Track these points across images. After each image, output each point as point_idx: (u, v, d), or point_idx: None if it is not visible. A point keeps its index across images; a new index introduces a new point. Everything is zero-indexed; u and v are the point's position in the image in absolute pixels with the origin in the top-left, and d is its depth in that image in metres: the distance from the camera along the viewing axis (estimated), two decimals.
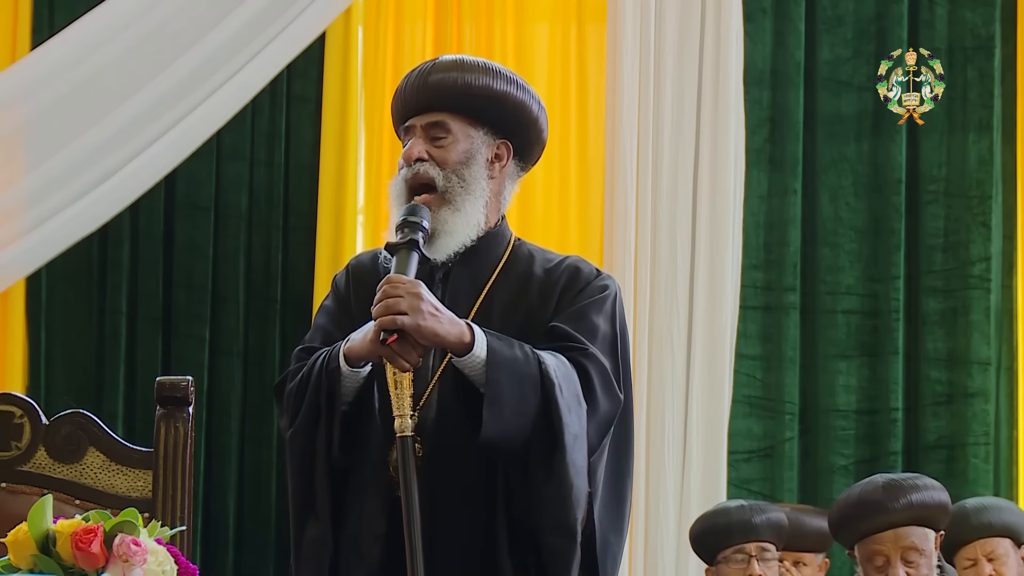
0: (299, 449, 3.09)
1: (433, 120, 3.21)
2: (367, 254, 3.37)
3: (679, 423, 5.72)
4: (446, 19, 5.96)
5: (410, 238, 3.07)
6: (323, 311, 3.33)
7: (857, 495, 4.33)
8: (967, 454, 5.84)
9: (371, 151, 5.91)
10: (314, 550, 3.08)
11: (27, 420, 3.50)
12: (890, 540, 4.23)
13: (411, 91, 3.24)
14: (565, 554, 3.03)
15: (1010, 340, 5.92)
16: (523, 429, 2.98)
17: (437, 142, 3.20)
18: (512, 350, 3.02)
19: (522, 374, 2.99)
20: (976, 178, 5.95)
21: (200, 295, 5.90)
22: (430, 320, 2.96)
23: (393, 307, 2.95)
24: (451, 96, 3.21)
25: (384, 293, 2.98)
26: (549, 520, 3.02)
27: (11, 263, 5.58)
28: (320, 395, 3.07)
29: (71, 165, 5.55)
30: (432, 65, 3.26)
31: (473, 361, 2.99)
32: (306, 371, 3.12)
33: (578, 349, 3.10)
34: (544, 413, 2.99)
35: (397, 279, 2.99)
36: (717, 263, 5.78)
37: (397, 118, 3.30)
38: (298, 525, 3.12)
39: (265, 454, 5.86)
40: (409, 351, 2.97)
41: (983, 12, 5.98)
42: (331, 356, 3.08)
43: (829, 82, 6.00)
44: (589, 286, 3.21)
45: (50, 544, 2.60)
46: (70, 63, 5.55)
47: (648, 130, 5.81)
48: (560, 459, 2.99)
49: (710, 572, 4.71)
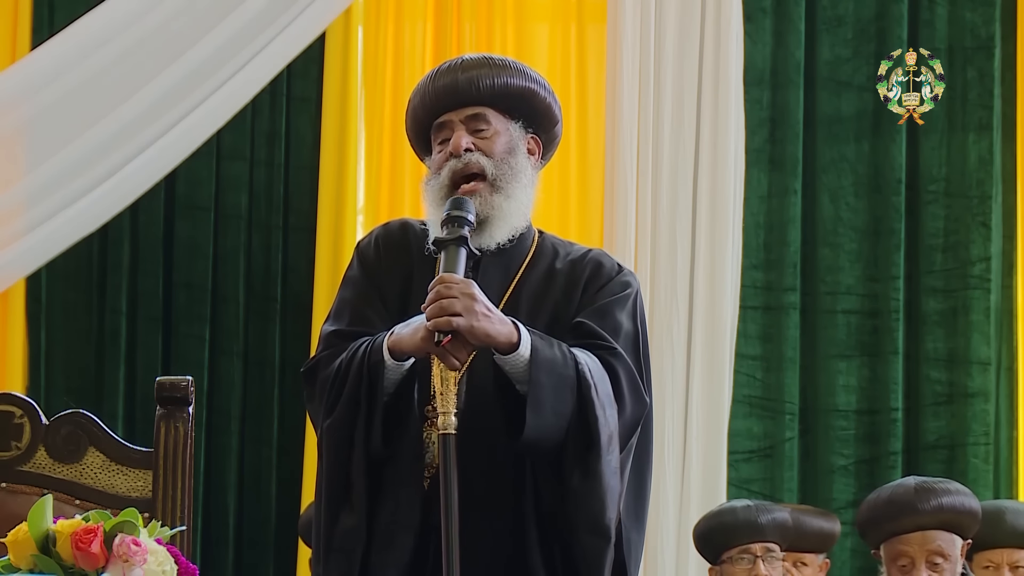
0: (336, 440, 3.07)
1: (472, 113, 3.22)
2: (395, 223, 3.35)
3: (679, 423, 5.72)
4: (446, 19, 5.96)
5: (459, 234, 3.05)
6: (349, 283, 3.28)
7: (888, 495, 4.34)
8: (967, 454, 5.84)
9: (371, 151, 5.91)
10: (347, 541, 3.06)
11: (27, 420, 3.49)
12: (917, 542, 4.23)
13: (444, 87, 3.23)
14: (600, 554, 3.05)
15: (1010, 340, 5.92)
16: (560, 429, 2.99)
17: (479, 134, 3.22)
18: (552, 350, 3.03)
19: (561, 374, 3.00)
20: (976, 178, 5.95)
21: (200, 295, 5.90)
22: (483, 321, 2.96)
23: (448, 308, 2.94)
24: (489, 90, 3.22)
25: (437, 293, 2.96)
26: (585, 520, 3.03)
27: (11, 263, 5.59)
28: (361, 387, 3.05)
29: (71, 165, 5.55)
30: (461, 62, 3.27)
31: (517, 360, 3.00)
32: (344, 361, 3.09)
33: (606, 348, 3.11)
34: (580, 413, 3.00)
35: (450, 279, 2.98)
36: (717, 263, 5.78)
37: (425, 116, 3.28)
38: (331, 516, 3.09)
39: (265, 454, 5.86)
40: (460, 350, 2.97)
41: (983, 12, 5.98)
42: (373, 348, 3.05)
43: (829, 82, 6.00)
44: (612, 281, 3.23)
45: (50, 544, 2.60)
46: (70, 63, 5.55)
47: (648, 130, 5.81)
48: (596, 459, 3.00)
49: (713, 572, 4.70)
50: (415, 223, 3.31)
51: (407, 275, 3.22)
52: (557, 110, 3.33)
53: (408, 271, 3.22)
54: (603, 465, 3.01)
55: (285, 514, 5.82)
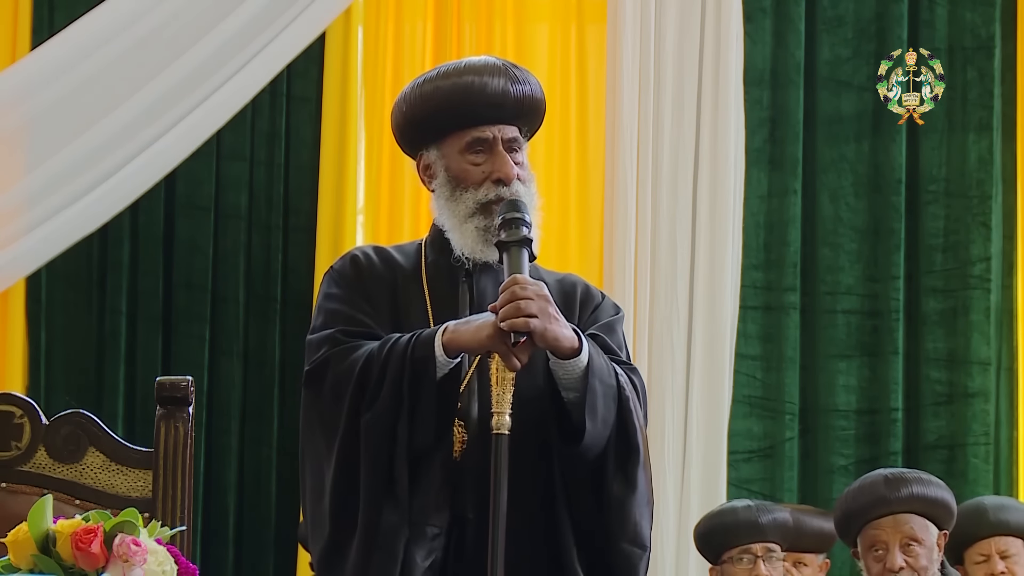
0: (377, 435, 3.01)
1: (512, 136, 3.17)
2: (365, 247, 3.30)
3: (679, 423, 5.72)
4: (446, 19, 5.96)
5: (520, 236, 3.02)
6: (332, 299, 3.20)
7: (859, 485, 4.40)
8: (967, 454, 5.84)
9: (371, 151, 5.91)
10: (390, 538, 3.02)
11: (27, 420, 3.49)
12: (889, 525, 4.26)
13: (495, 94, 3.15)
14: (636, 563, 3.06)
15: (1010, 340, 5.92)
16: (604, 438, 3.00)
17: (515, 157, 3.17)
18: (600, 359, 3.03)
19: (608, 383, 3.01)
20: (976, 178, 5.95)
21: (200, 295, 5.90)
22: (555, 325, 2.95)
23: (525, 309, 2.91)
24: (529, 111, 3.19)
25: (512, 294, 2.93)
26: (623, 529, 3.04)
27: (11, 263, 5.59)
28: (402, 381, 3.00)
29: (71, 165, 5.55)
30: (504, 68, 3.18)
31: (575, 366, 2.99)
32: (376, 355, 3.03)
33: (624, 363, 3.13)
34: (621, 423, 3.02)
35: (524, 280, 2.95)
36: (717, 263, 5.78)
37: (456, 115, 3.17)
38: (372, 513, 3.02)
39: (265, 454, 5.86)
40: (525, 352, 2.95)
41: (983, 12, 5.98)
42: (419, 343, 3.01)
43: (829, 82, 6.00)
44: (604, 301, 3.26)
45: (50, 544, 2.60)
46: (70, 63, 5.56)
47: (648, 130, 5.81)
48: (635, 468, 3.03)
49: (714, 572, 4.70)
50: (385, 248, 3.28)
51: (392, 288, 3.18)
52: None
53: (392, 285, 3.18)
54: (640, 474, 3.04)
55: (285, 514, 5.82)
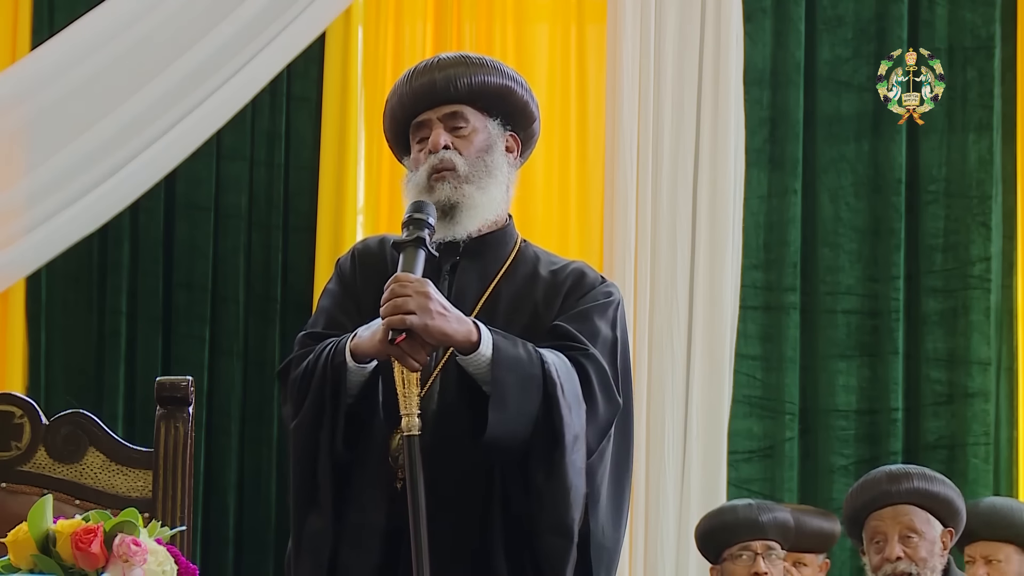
0: (302, 442, 3.08)
1: (450, 111, 3.24)
2: (374, 239, 3.36)
3: (679, 423, 5.72)
4: (446, 19, 5.96)
5: (416, 235, 3.06)
6: (327, 294, 3.31)
7: (863, 481, 4.46)
8: (967, 454, 5.84)
9: (371, 151, 5.91)
10: (315, 543, 3.07)
11: (27, 420, 3.50)
12: (889, 516, 4.30)
13: (422, 86, 3.25)
14: (562, 555, 3.04)
15: (1010, 340, 5.92)
16: (525, 428, 2.99)
17: (457, 132, 3.23)
18: (516, 349, 3.02)
19: (526, 373, 2.99)
20: (976, 178, 5.95)
21: (200, 295, 5.90)
22: (438, 319, 2.96)
23: (401, 306, 2.94)
24: (467, 88, 3.24)
25: (392, 292, 2.97)
26: (547, 520, 3.02)
27: (11, 263, 5.59)
28: (325, 389, 3.05)
29: (71, 165, 5.55)
30: (437, 61, 3.29)
31: (478, 359, 3.00)
32: (311, 361, 3.10)
33: (579, 349, 3.11)
34: (546, 412, 3.00)
35: (405, 278, 2.99)
36: (717, 263, 5.78)
37: (403, 115, 3.29)
38: (300, 518, 3.11)
39: (265, 454, 5.86)
40: (418, 350, 2.96)
41: (983, 12, 5.98)
42: (337, 350, 3.07)
43: (829, 82, 6.00)
44: (594, 290, 3.24)
45: (50, 544, 2.60)
46: (70, 63, 5.55)
47: (648, 130, 5.81)
48: (560, 459, 3.00)
49: (714, 571, 4.71)
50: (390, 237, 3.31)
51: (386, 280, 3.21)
52: (535, 107, 3.35)
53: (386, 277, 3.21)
54: (567, 464, 3.00)
55: (285, 514, 5.81)
